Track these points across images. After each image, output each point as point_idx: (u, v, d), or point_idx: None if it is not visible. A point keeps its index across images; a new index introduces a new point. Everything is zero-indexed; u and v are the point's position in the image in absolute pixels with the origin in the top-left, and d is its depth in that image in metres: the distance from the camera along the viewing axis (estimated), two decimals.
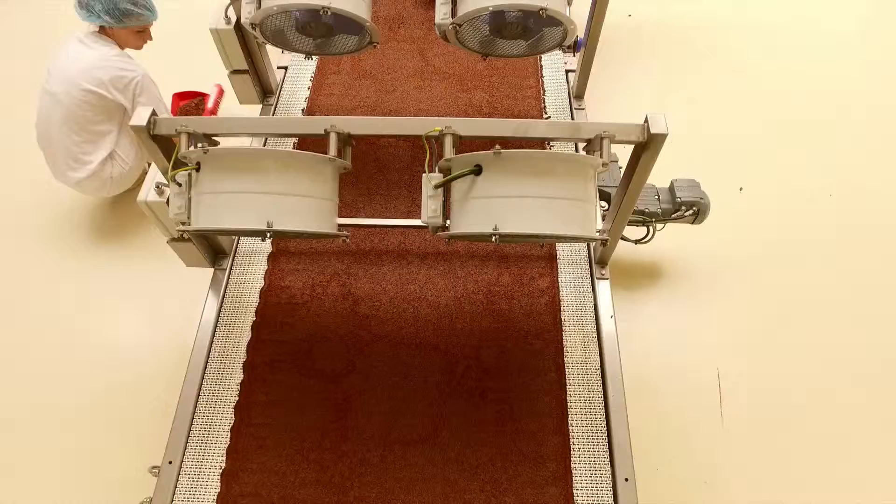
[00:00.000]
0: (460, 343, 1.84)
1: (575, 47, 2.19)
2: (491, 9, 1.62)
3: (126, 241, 2.60)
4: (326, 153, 1.36)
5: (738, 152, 2.83)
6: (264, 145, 2.05)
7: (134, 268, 2.51)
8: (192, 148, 1.37)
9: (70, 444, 2.09)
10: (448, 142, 1.33)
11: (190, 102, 2.97)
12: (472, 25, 1.74)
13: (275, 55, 2.46)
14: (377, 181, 2.25)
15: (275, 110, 2.26)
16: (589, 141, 1.37)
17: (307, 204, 1.32)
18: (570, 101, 2.33)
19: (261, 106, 2.28)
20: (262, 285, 1.94)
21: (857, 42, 3.44)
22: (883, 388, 2.15)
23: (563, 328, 1.81)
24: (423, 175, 1.34)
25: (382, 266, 2.01)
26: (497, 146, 1.23)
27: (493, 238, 1.23)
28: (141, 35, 2.27)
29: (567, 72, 2.41)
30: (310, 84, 2.48)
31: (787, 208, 2.62)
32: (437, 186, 1.31)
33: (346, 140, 1.41)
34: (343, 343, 1.84)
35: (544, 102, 2.47)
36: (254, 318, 1.87)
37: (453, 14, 1.71)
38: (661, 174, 1.69)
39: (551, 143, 2.30)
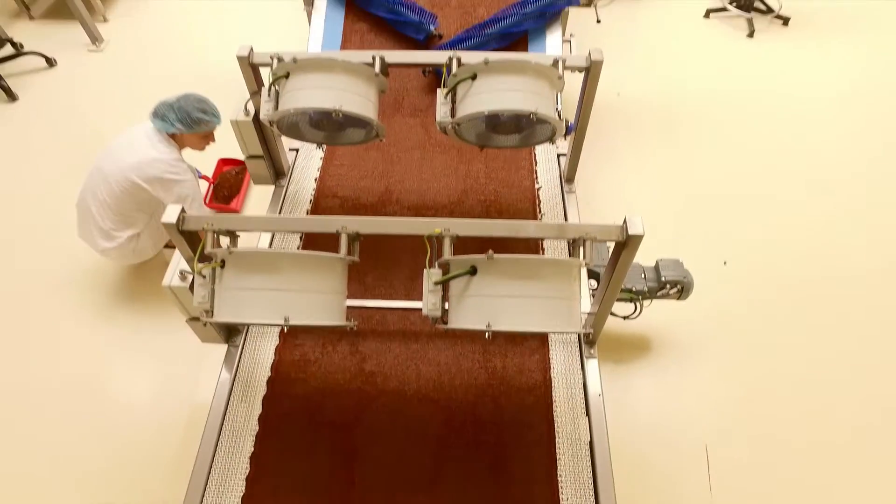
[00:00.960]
0: (458, 398, 1.97)
1: (566, 132, 2.36)
2: (486, 112, 1.80)
3: (144, 303, 2.76)
4: (336, 241, 1.52)
5: (723, 226, 2.99)
6: (272, 238, 2.21)
7: (151, 329, 2.66)
8: (215, 238, 1.53)
9: (86, 498, 2.19)
10: (447, 243, 1.48)
11: (231, 170, 3.17)
12: (469, 123, 1.91)
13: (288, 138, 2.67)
14: (383, 248, 2.39)
15: (286, 192, 2.42)
16: (573, 240, 1.51)
17: (321, 299, 1.47)
18: (561, 184, 2.49)
19: (273, 187, 2.44)
20: (276, 343, 2.08)
21: (837, 120, 3.65)
22: (869, 460, 2.24)
23: (554, 399, 1.93)
24: (425, 270, 1.49)
25: (388, 326, 2.15)
26: (490, 251, 1.38)
27: (486, 335, 1.37)
28: (206, 138, 2.44)
29: (558, 155, 2.58)
30: (322, 155, 2.65)
31: (771, 280, 2.76)
32: (436, 283, 1.46)
33: (354, 237, 1.56)
34: (351, 397, 1.98)
35: (536, 174, 2.64)
36: (269, 374, 2.01)
37: (453, 114, 1.89)
38: (649, 249, 1.82)
39: (542, 213, 2.46)
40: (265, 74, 2.06)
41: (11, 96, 3.84)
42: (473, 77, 1.83)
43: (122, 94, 3.81)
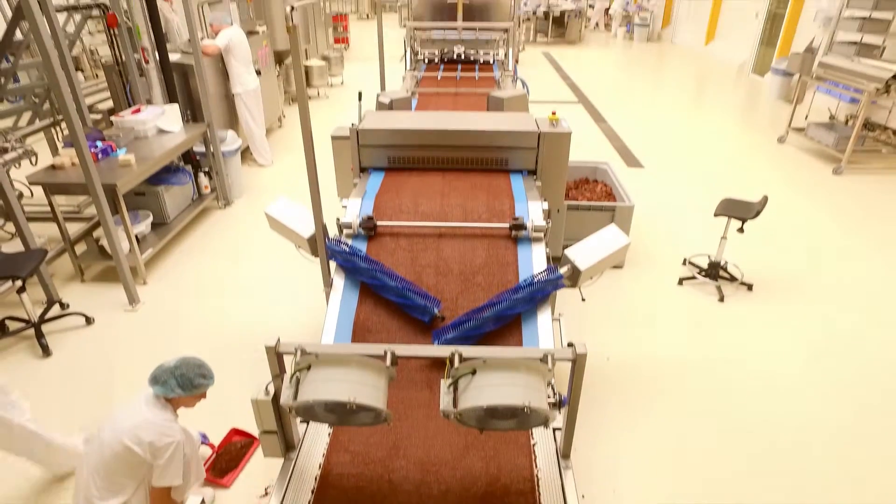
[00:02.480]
0: None
1: (559, 405, 2.55)
2: (485, 406, 2.02)
3: None
4: None
5: (722, 491, 3.01)
6: None
7: None
8: None
9: None
10: None
11: (237, 443, 3.27)
12: (470, 412, 2.11)
13: None
14: None
15: (295, 464, 2.54)
16: None
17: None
18: (558, 461, 2.60)
19: (282, 460, 2.56)
20: None
21: (813, 379, 3.90)
22: None
23: None
24: None
25: None
26: None
27: None
28: (199, 397, 2.64)
29: (554, 430, 2.74)
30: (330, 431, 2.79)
31: None
32: None
33: None
34: None
35: (532, 430, 2.75)
36: None
37: (455, 404, 2.11)
38: None
39: (538, 468, 2.51)
40: (287, 359, 2.34)
41: (47, 352, 4.14)
42: (473, 372, 2.09)
43: (147, 353, 4.10)
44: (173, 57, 6.21)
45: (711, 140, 8.97)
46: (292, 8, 2.69)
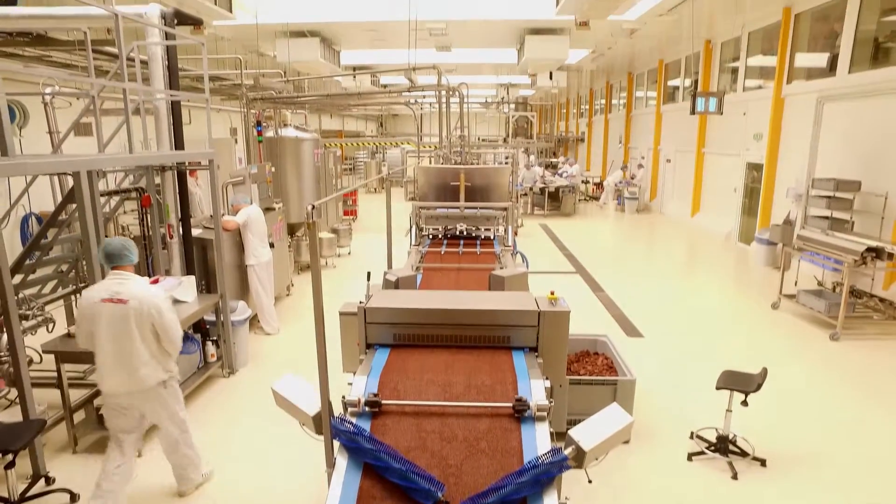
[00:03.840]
0: None
1: None
2: None
3: None
4: None
5: None
6: None
7: None
8: None
9: None
10: None
11: None
12: None
13: None
14: None
15: None
16: None
17: None
18: None
19: None
20: None
21: None
22: None
23: None
24: None
25: None
26: None
27: None
28: None
29: None
30: None
31: None
32: None
33: None
34: None
35: None
36: None
37: None
38: None
39: None
40: None
41: None
42: None
43: None
44: (195, 232, 6.70)
45: (707, 307, 9.23)
46: (313, 206, 3.03)
